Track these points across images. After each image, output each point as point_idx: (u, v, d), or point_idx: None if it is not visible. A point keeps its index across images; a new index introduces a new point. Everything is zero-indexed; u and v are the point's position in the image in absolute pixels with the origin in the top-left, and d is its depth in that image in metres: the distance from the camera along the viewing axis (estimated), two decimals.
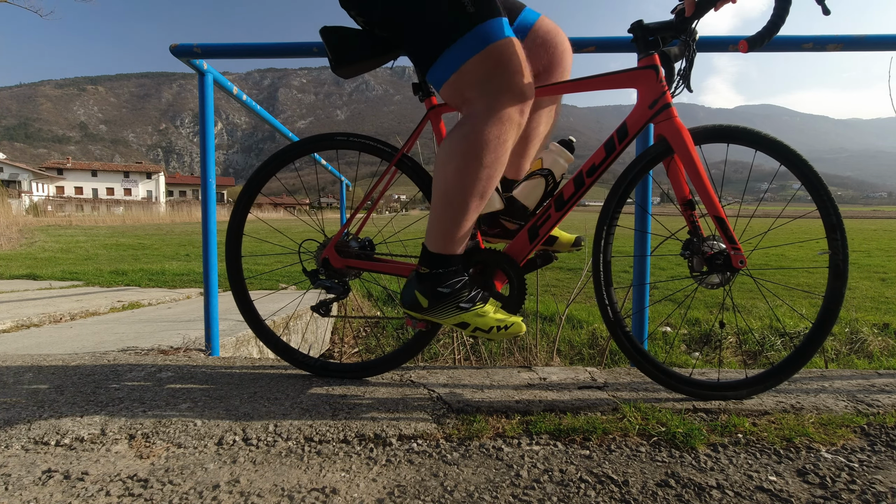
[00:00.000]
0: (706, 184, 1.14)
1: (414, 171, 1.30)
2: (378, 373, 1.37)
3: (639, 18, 1.16)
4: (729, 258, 1.16)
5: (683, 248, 1.22)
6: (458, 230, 1.11)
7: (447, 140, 1.10)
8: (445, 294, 1.14)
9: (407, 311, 1.20)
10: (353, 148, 1.33)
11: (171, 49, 1.69)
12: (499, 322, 1.15)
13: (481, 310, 1.15)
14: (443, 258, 1.14)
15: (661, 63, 1.15)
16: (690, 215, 1.19)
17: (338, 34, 1.21)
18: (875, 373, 1.45)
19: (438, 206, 1.11)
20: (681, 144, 1.15)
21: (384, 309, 4.39)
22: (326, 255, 1.32)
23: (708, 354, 3.38)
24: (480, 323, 1.15)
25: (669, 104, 1.15)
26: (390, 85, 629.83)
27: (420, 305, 1.17)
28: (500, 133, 1.06)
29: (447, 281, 1.14)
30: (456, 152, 1.07)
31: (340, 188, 4.94)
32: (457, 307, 1.14)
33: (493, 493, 0.83)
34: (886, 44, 1.63)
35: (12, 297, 3.47)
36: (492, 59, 1.04)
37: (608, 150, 1.19)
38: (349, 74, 1.29)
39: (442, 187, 1.10)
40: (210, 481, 0.86)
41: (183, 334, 2.10)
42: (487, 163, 1.06)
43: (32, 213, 24.85)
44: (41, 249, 8.93)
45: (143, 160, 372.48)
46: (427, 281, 1.15)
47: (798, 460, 0.93)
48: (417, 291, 1.17)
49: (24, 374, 1.42)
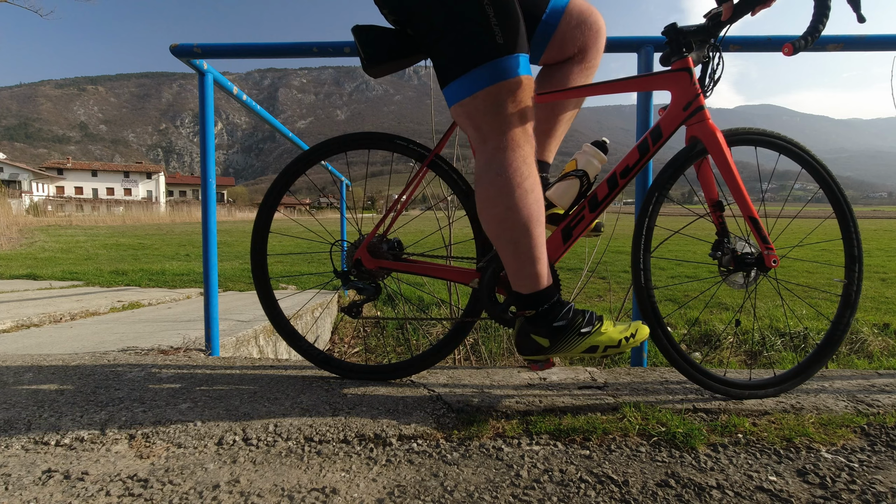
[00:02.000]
0: (740, 185, 1.16)
1: (446, 171, 1.30)
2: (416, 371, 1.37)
3: (672, 21, 1.19)
4: (762, 258, 1.17)
5: (714, 248, 1.23)
6: (537, 262, 1.10)
7: (480, 187, 1.10)
8: (563, 327, 1.12)
9: (529, 357, 1.17)
10: (389, 149, 1.33)
11: (171, 49, 1.69)
12: (623, 333, 1.14)
13: (602, 328, 1.14)
14: (540, 295, 1.12)
15: (693, 65, 1.16)
16: (719, 216, 1.20)
17: (370, 33, 1.20)
18: (875, 373, 1.45)
19: (507, 250, 1.10)
20: (715, 146, 1.16)
21: (385, 309, 4.39)
22: (359, 256, 1.30)
23: (708, 354, 3.38)
24: (607, 340, 1.13)
25: (703, 106, 1.16)
26: (390, 85, 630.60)
27: (542, 348, 1.14)
28: (525, 156, 1.07)
29: (559, 314, 1.12)
30: (497, 194, 1.07)
31: (340, 188, 4.93)
32: (578, 334, 1.12)
33: (493, 493, 0.83)
34: (886, 44, 1.63)
35: (12, 297, 3.47)
36: (508, 93, 1.04)
37: (642, 152, 1.20)
38: (380, 73, 1.27)
39: (502, 234, 1.09)
40: (210, 481, 0.86)
41: (183, 334, 2.10)
42: (529, 187, 1.06)
43: (32, 212, 24.86)
44: (41, 249, 8.93)
45: (143, 160, 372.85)
46: (539, 322, 1.13)
47: (798, 460, 0.93)
48: (534, 335, 1.14)
49: (24, 374, 1.42)
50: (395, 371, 1.36)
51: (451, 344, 1.34)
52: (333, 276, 1.34)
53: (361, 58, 1.22)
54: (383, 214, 1.34)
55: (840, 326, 1.23)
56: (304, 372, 1.44)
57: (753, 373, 1.34)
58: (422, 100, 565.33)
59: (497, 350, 2.87)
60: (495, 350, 2.89)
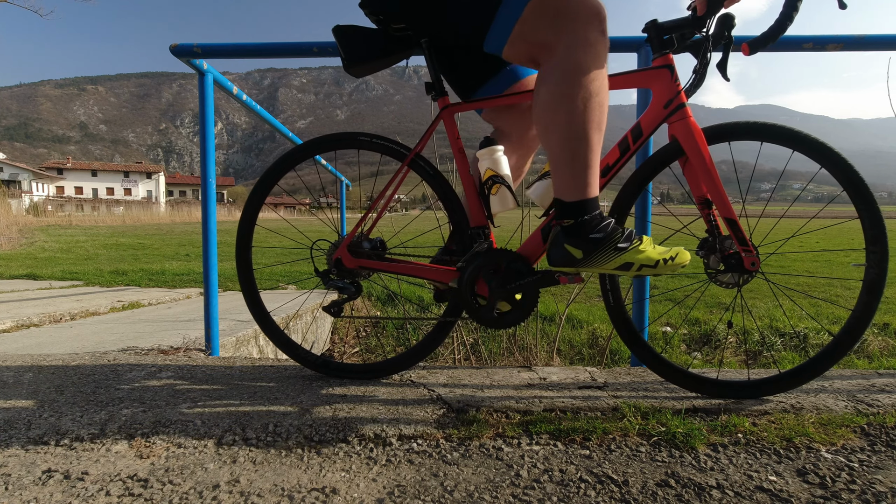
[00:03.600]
0: (718, 186, 1.13)
1: (427, 170, 1.30)
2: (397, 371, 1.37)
3: (653, 18, 1.14)
4: (741, 260, 1.14)
5: (699, 246, 1.21)
6: (589, 169, 1.07)
7: (545, 86, 1.06)
8: (600, 239, 1.08)
9: (559, 269, 1.14)
10: (373, 149, 1.32)
11: (171, 49, 1.69)
12: (663, 254, 1.09)
13: (641, 246, 1.10)
14: (584, 204, 1.09)
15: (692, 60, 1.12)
16: (708, 214, 1.18)
17: (351, 33, 1.21)
18: (875, 373, 1.45)
19: (562, 153, 1.07)
20: (692, 146, 1.13)
21: (384, 309, 4.39)
22: (339, 256, 1.30)
23: (708, 354, 3.38)
24: (644, 259, 1.09)
25: (684, 104, 1.14)
26: (390, 85, 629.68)
27: (574, 258, 1.10)
28: (597, 55, 1.03)
29: (597, 226, 1.09)
30: (563, 94, 1.03)
31: (340, 188, 4.93)
32: (615, 249, 1.08)
33: (493, 493, 0.83)
34: (886, 44, 1.63)
35: (12, 297, 3.47)
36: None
37: (622, 150, 1.18)
38: (361, 73, 1.28)
39: (560, 132, 1.06)
40: (210, 481, 0.86)
41: (183, 334, 2.10)
42: (595, 89, 1.03)
43: (32, 212, 24.85)
44: (41, 249, 8.93)
45: (143, 160, 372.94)
46: (575, 231, 1.09)
47: (798, 460, 0.93)
48: (568, 245, 1.10)
49: (24, 374, 1.42)
50: (384, 369, 1.37)
51: (433, 343, 1.34)
52: (315, 276, 1.35)
53: (342, 57, 1.23)
54: (363, 214, 1.35)
55: (863, 315, 1.13)
56: (305, 372, 1.44)
57: (756, 371, 1.34)
58: (422, 100, 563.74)
59: (497, 350, 2.87)
60: (495, 350, 2.89)
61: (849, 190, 1.14)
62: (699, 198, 1.18)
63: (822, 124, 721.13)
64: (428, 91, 1.25)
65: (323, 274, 1.33)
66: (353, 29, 1.22)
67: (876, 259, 1.11)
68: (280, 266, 6.13)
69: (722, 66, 1.14)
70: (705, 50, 1.13)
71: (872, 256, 1.12)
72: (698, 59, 1.14)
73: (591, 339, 3.57)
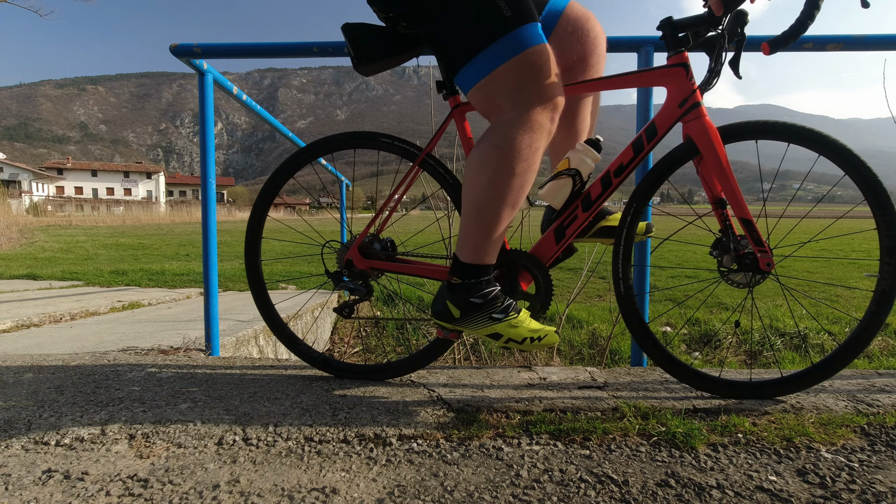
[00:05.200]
0: (734, 186, 1.12)
1: (437, 170, 1.29)
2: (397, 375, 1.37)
3: (668, 15, 1.11)
4: (756, 260, 1.14)
5: (713, 246, 1.20)
6: (489, 241, 1.10)
7: (477, 150, 1.09)
8: (478, 304, 1.12)
9: (438, 321, 1.18)
10: (393, 151, 1.31)
11: (171, 49, 1.69)
12: (532, 333, 1.13)
13: (514, 320, 1.13)
14: (475, 268, 1.12)
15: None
16: (722, 214, 1.17)
17: (360, 31, 1.19)
18: (875, 373, 1.45)
19: (470, 217, 1.10)
20: (708, 145, 1.12)
21: (384, 310, 4.39)
22: (350, 257, 1.29)
23: (708, 354, 3.38)
24: (513, 334, 1.13)
25: (699, 103, 1.13)
26: (390, 85, 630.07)
27: (452, 316, 1.15)
28: (532, 141, 1.04)
29: (479, 291, 1.13)
30: (487, 162, 1.06)
31: (340, 188, 4.93)
32: (489, 318, 1.12)
33: (493, 492, 0.83)
34: (886, 44, 1.63)
35: (12, 297, 3.47)
36: (525, 66, 1.01)
37: (636, 150, 1.18)
38: (371, 72, 1.27)
39: (473, 198, 1.09)
40: (210, 481, 0.86)
41: (183, 334, 2.10)
42: (519, 172, 1.05)
43: (32, 212, 24.86)
44: (41, 249, 8.93)
45: (143, 160, 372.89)
46: (459, 291, 1.14)
47: (798, 460, 0.93)
48: (449, 302, 1.15)
49: (24, 374, 1.42)
50: (385, 371, 1.37)
51: (443, 346, 1.34)
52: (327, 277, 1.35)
53: (351, 56, 1.22)
54: (374, 214, 1.34)
55: (870, 326, 1.12)
56: (304, 372, 1.44)
57: (758, 372, 1.34)
58: (422, 99, 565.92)
59: (497, 350, 2.87)
60: (495, 350, 2.89)
61: (869, 199, 1.12)
62: (713, 197, 1.17)
63: (823, 124, 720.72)
64: (439, 90, 1.25)
65: (334, 275, 1.33)
66: (363, 27, 1.20)
67: (890, 271, 1.10)
68: (280, 266, 6.13)
69: (734, 64, 1.12)
70: (720, 48, 1.10)
71: (887, 268, 1.11)
72: (712, 57, 1.12)
73: (591, 339, 3.57)
